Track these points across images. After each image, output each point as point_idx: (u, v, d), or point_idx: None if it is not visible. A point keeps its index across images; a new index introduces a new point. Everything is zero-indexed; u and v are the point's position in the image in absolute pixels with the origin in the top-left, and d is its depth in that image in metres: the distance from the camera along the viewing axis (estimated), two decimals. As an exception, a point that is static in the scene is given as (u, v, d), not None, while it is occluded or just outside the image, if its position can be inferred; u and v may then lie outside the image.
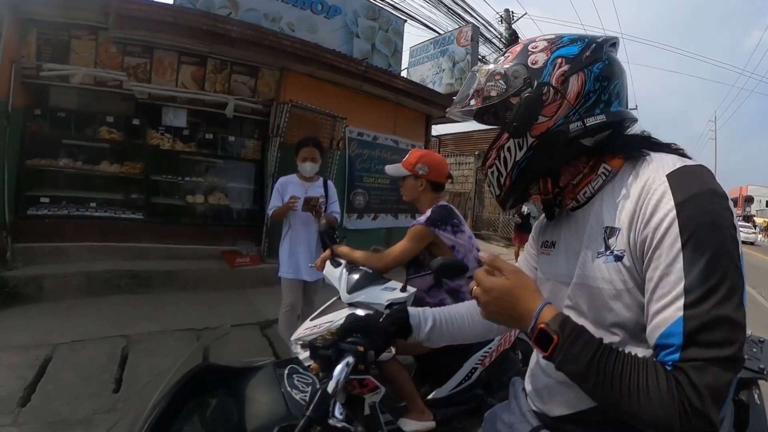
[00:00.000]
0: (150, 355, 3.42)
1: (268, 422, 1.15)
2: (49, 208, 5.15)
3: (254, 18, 6.48)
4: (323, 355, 1.29)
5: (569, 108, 0.92)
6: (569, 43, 0.95)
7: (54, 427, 2.42)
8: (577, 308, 0.95)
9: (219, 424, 1.20)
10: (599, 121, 0.92)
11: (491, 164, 1.04)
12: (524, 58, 0.96)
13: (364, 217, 7.51)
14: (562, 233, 1.06)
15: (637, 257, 0.81)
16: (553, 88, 0.92)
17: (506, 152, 1.00)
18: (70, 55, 5.08)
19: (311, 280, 3.42)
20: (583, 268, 0.93)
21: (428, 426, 2.16)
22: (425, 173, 2.34)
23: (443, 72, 10.22)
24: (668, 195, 0.77)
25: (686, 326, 0.69)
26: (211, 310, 4.62)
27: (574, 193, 1.00)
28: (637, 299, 0.82)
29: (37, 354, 3.20)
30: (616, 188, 0.91)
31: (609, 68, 0.94)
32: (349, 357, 1.29)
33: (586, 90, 0.92)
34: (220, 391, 1.26)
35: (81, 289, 4.63)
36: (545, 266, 1.11)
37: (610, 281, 0.86)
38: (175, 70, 5.65)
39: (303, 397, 1.25)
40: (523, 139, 0.96)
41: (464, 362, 2.33)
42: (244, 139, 6.41)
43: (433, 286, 2.26)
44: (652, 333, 0.75)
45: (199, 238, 5.91)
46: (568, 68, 0.92)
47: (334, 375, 1.21)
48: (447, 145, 14.90)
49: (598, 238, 0.90)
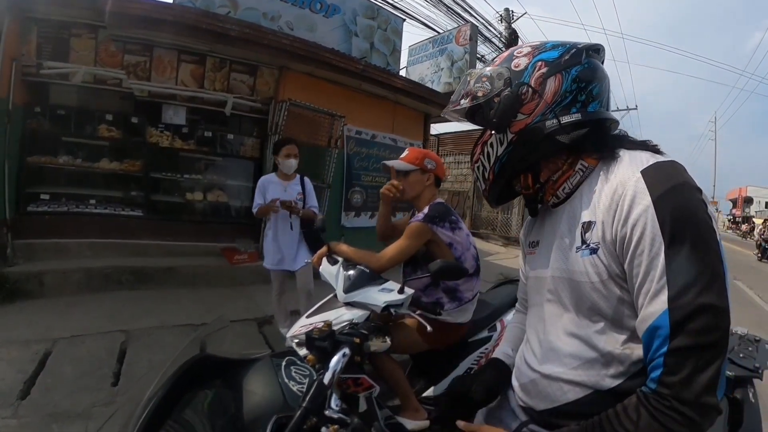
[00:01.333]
0: (148, 350, 3.45)
1: (266, 413, 1.17)
2: (49, 205, 5.17)
3: (253, 17, 6.48)
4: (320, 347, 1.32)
5: (546, 106, 0.97)
6: (551, 48, 1.02)
7: (53, 419, 2.45)
8: (559, 300, 1.00)
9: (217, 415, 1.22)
10: (574, 119, 0.97)
11: (477, 159, 1.12)
12: (509, 62, 1.03)
13: (361, 215, 7.53)
14: (545, 230, 1.11)
15: (613, 252, 0.86)
16: (531, 88, 0.98)
17: (489, 147, 1.07)
18: (70, 54, 5.09)
19: (295, 269, 3.64)
20: (562, 262, 0.99)
21: (422, 425, 2.16)
22: (433, 168, 2.37)
23: (442, 71, 10.21)
24: (644, 191, 0.81)
25: (672, 317, 0.73)
26: (209, 306, 4.64)
27: (554, 189, 1.05)
28: (612, 291, 0.87)
29: (37, 348, 3.23)
30: (592, 184, 0.96)
31: (588, 71, 1.00)
32: (345, 348, 1.31)
33: (562, 90, 0.97)
34: (218, 382, 1.28)
35: (81, 286, 4.65)
36: (532, 264, 1.15)
37: (586, 274, 0.91)
38: (175, 68, 5.66)
39: (300, 389, 1.27)
40: (503, 135, 1.02)
41: (461, 361, 2.33)
42: (243, 137, 6.43)
43: (429, 285, 2.26)
44: (641, 325, 0.79)
45: (198, 235, 5.93)
46: (547, 70, 0.98)
47: (330, 366, 1.23)
48: (446, 144, 14.88)
49: (576, 232, 0.95)
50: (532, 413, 1.05)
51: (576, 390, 0.93)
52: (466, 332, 2.35)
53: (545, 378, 0.99)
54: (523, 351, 1.13)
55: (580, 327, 0.94)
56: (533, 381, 1.03)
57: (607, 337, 0.89)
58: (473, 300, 2.31)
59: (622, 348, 0.87)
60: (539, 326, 1.07)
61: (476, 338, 2.40)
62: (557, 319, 1.01)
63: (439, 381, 2.32)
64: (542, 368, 1.01)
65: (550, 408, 0.98)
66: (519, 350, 1.19)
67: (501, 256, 10.25)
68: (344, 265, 2.15)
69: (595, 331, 0.91)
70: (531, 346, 1.09)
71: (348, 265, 2.13)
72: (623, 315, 0.87)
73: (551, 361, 0.99)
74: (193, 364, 1.23)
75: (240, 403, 1.23)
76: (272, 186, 3.66)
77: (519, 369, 1.12)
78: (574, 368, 0.93)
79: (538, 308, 1.10)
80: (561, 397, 0.95)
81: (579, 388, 0.92)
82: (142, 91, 5.46)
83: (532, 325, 1.11)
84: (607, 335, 0.89)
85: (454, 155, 14.16)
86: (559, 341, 0.98)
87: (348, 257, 2.21)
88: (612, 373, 0.88)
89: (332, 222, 6.80)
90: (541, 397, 1.00)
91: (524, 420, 1.08)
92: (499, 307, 2.58)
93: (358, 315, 1.86)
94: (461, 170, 13.84)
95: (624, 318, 0.87)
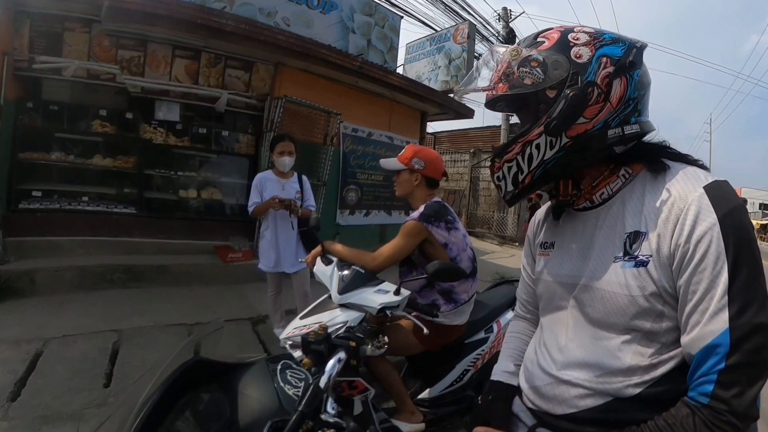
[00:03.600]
0: (141, 349, 3.41)
1: (261, 417, 1.15)
2: (41, 202, 5.11)
3: (249, 12, 6.43)
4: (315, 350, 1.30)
5: (611, 112, 0.88)
6: (611, 42, 0.90)
7: (44, 421, 2.41)
8: (584, 309, 0.94)
9: (212, 419, 1.20)
10: (635, 131, 0.90)
11: (512, 158, 0.97)
12: (565, 48, 0.89)
13: (356, 213, 7.51)
14: (566, 234, 1.04)
15: (667, 267, 0.81)
16: (599, 89, 0.87)
17: (533, 149, 0.93)
18: (63, 48, 5.02)
19: (291, 271, 3.59)
20: (595, 271, 0.92)
21: (418, 428, 2.15)
22: (421, 168, 2.31)
23: (439, 69, 10.23)
24: (709, 208, 0.78)
25: (732, 336, 0.73)
26: (203, 305, 4.61)
27: (591, 194, 0.98)
28: (654, 306, 0.83)
29: (28, 348, 3.18)
30: (636, 192, 0.91)
31: (647, 77, 0.92)
32: (341, 352, 1.29)
33: (627, 96, 0.88)
34: (213, 386, 1.26)
35: (73, 284, 4.60)
36: (545, 267, 1.09)
37: (626, 286, 0.85)
38: (169, 63, 5.59)
39: (296, 393, 1.25)
40: (556, 138, 0.90)
41: (456, 363, 2.32)
42: (238, 133, 6.38)
43: (425, 287, 2.24)
44: (696, 343, 0.77)
45: (191, 232, 5.89)
46: (613, 70, 0.87)
47: (326, 370, 1.21)
48: (443, 142, 14.92)
49: (617, 241, 0.89)
50: (545, 416, 1.01)
51: (596, 397, 0.89)
52: (462, 333, 2.33)
53: (564, 383, 0.95)
54: (537, 354, 1.07)
55: (608, 338, 0.89)
56: (550, 385, 0.99)
57: (635, 349, 0.86)
58: (470, 302, 2.29)
59: (649, 360, 0.85)
60: (559, 332, 1.01)
61: (473, 339, 2.39)
62: (581, 327, 0.95)
63: (435, 383, 2.31)
64: (561, 374, 0.96)
65: (567, 413, 0.94)
66: (529, 352, 1.13)
67: (497, 255, 10.26)
68: (339, 265, 2.13)
69: (622, 342, 0.87)
70: (548, 350, 1.03)
71: (342, 266, 2.11)
72: (660, 330, 0.84)
73: (572, 368, 0.94)
74: (187, 368, 1.20)
75: (235, 407, 1.21)
76: (269, 184, 3.60)
77: (531, 372, 1.07)
78: (597, 376, 0.90)
79: (557, 314, 1.04)
80: (579, 403, 0.92)
81: (599, 396, 0.89)
82: (136, 86, 5.39)
83: (550, 328, 1.05)
84: (635, 347, 0.86)
85: (450, 153, 14.19)
86: (582, 349, 0.94)
87: (342, 257, 2.19)
88: (635, 382, 0.85)
89: (327, 220, 6.77)
90: (558, 401, 0.96)
91: (533, 424, 1.04)
92: (496, 308, 2.57)
93: (353, 317, 1.84)
94: (457, 169, 13.88)
95: (660, 333, 0.84)
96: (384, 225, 7.93)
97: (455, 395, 2.33)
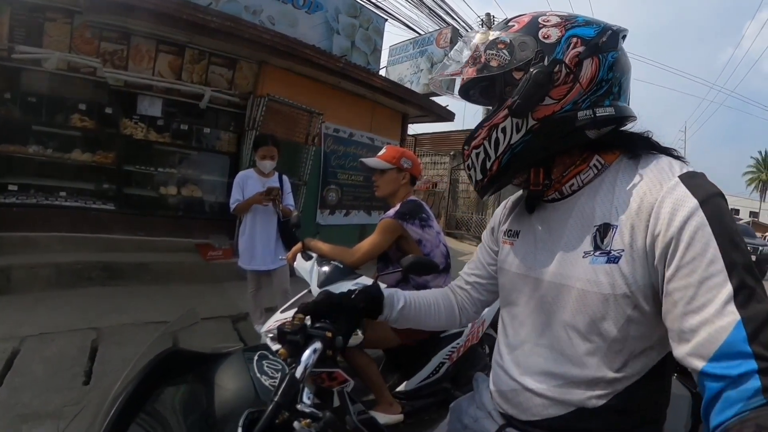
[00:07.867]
0: (121, 347, 3.38)
1: (238, 407, 1.15)
2: (17, 197, 5.00)
3: (235, 9, 6.41)
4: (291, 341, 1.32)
5: (580, 93, 0.83)
6: (584, 24, 0.86)
7: (22, 420, 2.38)
8: (550, 309, 0.89)
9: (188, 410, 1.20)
10: (608, 113, 0.84)
11: (479, 144, 0.92)
12: (534, 29, 0.86)
13: (336, 213, 7.54)
14: (533, 224, 0.99)
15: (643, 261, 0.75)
16: (567, 68, 0.82)
17: (500, 132, 0.88)
18: (44, 39, 4.92)
19: (272, 268, 3.61)
20: (563, 267, 0.87)
21: (396, 419, 2.20)
22: (409, 167, 2.41)
23: (421, 72, 10.30)
24: (686, 194, 0.71)
25: (747, 329, 0.61)
26: (183, 302, 4.58)
27: (560, 185, 0.92)
28: (623, 309, 0.77)
29: (5, 347, 3.13)
30: (607, 183, 0.86)
31: (624, 59, 0.87)
32: (317, 342, 1.32)
33: (599, 77, 0.83)
34: (189, 377, 1.27)
35: (50, 281, 4.52)
36: (508, 256, 1.05)
37: (595, 283, 0.80)
38: (153, 58, 5.53)
39: (272, 383, 1.26)
40: (522, 120, 0.85)
41: (432, 356, 2.38)
42: (220, 131, 6.34)
43: (400, 281, 2.30)
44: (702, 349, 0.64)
45: (171, 230, 5.83)
46: (583, 50, 0.83)
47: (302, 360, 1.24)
48: (424, 144, 14.93)
49: (586, 236, 0.84)
50: (512, 420, 0.98)
51: (559, 407, 0.87)
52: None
53: (526, 391, 0.92)
54: (500, 356, 1.04)
55: (571, 345, 0.84)
56: (514, 391, 0.95)
57: (600, 360, 0.81)
58: (444, 297, 2.35)
59: (614, 374, 0.81)
60: (521, 332, 0.97)
61: (447, 334, 2.45)
62: (545, 329, 0.90)
63: (411, 376, 2.36)
64: (523, 380, 0.93)
65: (533, 420, 0.92)
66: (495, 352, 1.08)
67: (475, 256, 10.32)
68: (318, 260, 2.20)
69: (587, 352, 0.82)
70: (511, 352, 0.99)
71: (322, 261, 2.18)
72: (627, 337, 0.78)
73: (534, 376, 0.91)
74: (163, 358, 1.21)
75: (212, 397, 1.22)
76: (251, 182, 3.62)
77: (497, 374, 1.03)
78: (558, 386, 0.86)
79: (518, 309, 0.99)
80: (542, 412, 0.89)
81: (562, 406, 0.86)
82: (118, 80, 5.33)
83: (512, 325, 1.01)
84: (601, 357, 0.81)
85: (431, 156, 14.23)
86: (543, 356, 0.90)
87: (323, 253, 2.26)
88: (598, 394, 0.82)
89: (308, 219, 6.77)
90: (521, 408, 0.94)
91: (502, 424, 1.02)
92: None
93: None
94: (437, 171, 13.93)
95: (627, 340, 0.79)
96: (363, 225, 7.95)
97: (432, 387, 2.39)
